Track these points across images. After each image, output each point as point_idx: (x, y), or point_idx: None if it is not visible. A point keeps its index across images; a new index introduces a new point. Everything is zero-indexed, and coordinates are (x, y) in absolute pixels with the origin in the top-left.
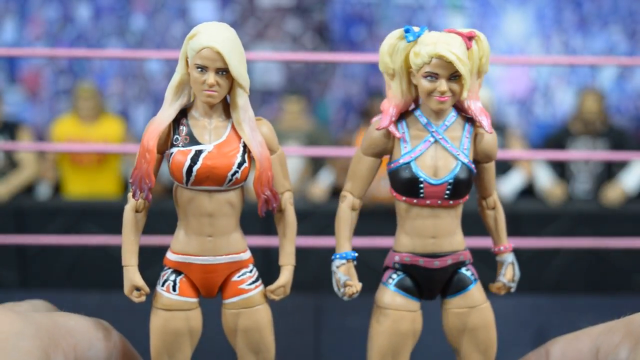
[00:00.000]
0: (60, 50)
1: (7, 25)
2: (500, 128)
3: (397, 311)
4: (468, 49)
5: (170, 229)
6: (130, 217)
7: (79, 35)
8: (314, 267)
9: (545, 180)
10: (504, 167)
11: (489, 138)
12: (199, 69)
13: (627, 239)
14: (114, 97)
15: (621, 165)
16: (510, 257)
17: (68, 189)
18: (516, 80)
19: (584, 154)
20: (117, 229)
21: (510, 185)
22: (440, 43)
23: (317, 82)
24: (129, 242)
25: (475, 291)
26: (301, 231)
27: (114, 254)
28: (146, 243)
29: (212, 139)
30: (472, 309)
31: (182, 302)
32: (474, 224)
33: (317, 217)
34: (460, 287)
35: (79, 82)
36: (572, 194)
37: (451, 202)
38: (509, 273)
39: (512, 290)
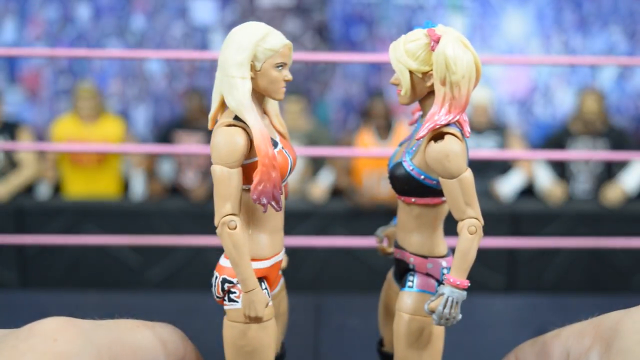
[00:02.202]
0: (60, 50)
1: (7, 25)
2: (500, 128)
3: (385, 282)
4: (432, 50)
5: (172, 229)
6: (245, 238)
7: (79, 35)
8: (314, 266)
9: (545, 180)
10: (504, 167)
11: (431, 149)
12: (280, 67)
13: (627, 239)
14: (114, 97)
15: (621, 165)
16: (443, 289)
17: (68, 189)
18: (516, 80)
19: (584, 154)
20: (117, 229)
21: (510, 185)
22: (399, 38)
23: (317, 82)
24: (249, 264)
25: (402, 296)
26: (301, 231)
27: (114, 254)
28: (147, 242)
29: (275, 135)
30: (396, 312)
31: (272, 305)
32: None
33: (317, 217)
34: (401, 286)
35: (79, 82)
36: (572, 194)
37: (398, 194)
38: (434, 303)
39: (434, 323)
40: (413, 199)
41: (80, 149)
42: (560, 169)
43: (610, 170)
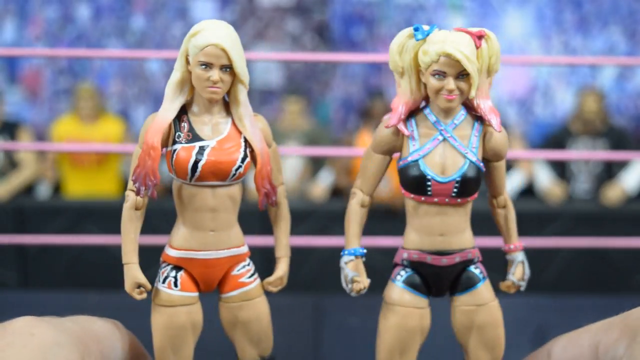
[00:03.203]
0: (60, 50)
1: (7, 25)
2: None
3: (404, 307)
4: (477, 47)
5: (170, 229)
6: (130, 215)
7: (79, 35)
8: (314, 266)
9: (545, 180)
10: None
11: (499, 137)
12: (203, 66)
13: (627, 239)
14: (114, 97)
15: (621, 165)
16: (520, 256)
17: (68, 189)
18: (516, 80)
19: (584, 154)
20: (117, 229)
21: (510, 185)
22: (448, 42)
23: (317, 82)
24: (129, 240)
25: (484, 289)
26: (301, 231)
27: (114, 254)
28: (146, 242)
29: (213, 134)
30: (480, 307)
31: (184, 297)
32: (481, 224)
33: (316, 217)
34: (469, 284)
35: (79, 82)
36: (572, 194)
37: (459, 200)
38: (518, 272)
39: (522, 289)
40: (475, 194)
41: (80, 149)
42: (560, 169)
43: (610, 170)
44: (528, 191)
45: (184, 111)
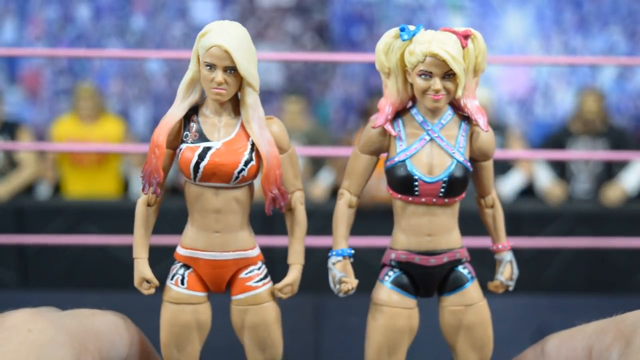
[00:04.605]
0: (60, 50)
1: (7, 25)
2: (500, 128)
3: (393, 308)
4: (463, 47)
5: (172, 229)
6: (141, 210)
7: (79, 35)
8: (314, 266)
9: (545, 180)
10: (504, 167)
11: (486, 136)
12: (208, 67)
13: (627, 239)
14: (114, 97)
15: (621, 165)
16: (508, 256)
17: (68, 189)
18: (516, 80)
19: (584, 154)
20: (117, 229)
21: (510, 185)
22: (434, 41)
23: (317, 82)
24: (140, 235)
25: (472, 289)
26: None
27: (114, 254)
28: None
29: (220, 136)
30: (468, 307)
31: (190, 295)
32: (472, 224)
33: (317, 217)
34: (457, 285)
35: (79, 82)
36: (572, 193)
37: (446, 200)
38: (507, 271)
39: (510, 288)
40: (463, 194)
41: (80, 149)
42: (560, 169)
43: (610, 170)
44: (528, 191)
45: (195, 111)
